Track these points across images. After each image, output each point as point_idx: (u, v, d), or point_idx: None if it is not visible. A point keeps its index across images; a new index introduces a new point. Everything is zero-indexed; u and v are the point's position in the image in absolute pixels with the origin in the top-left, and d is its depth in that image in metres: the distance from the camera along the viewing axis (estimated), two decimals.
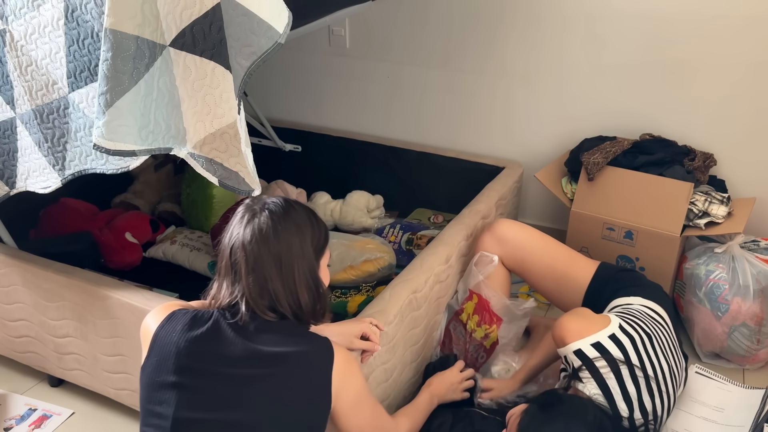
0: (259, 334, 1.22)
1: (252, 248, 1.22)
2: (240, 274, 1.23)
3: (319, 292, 1.29)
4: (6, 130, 1.53)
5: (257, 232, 1.22)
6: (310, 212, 1.31)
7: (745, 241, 2.02)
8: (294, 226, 1.25)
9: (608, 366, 1.50)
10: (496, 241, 1.89)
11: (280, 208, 1.26)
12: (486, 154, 2.53)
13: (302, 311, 1.26)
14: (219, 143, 1.24)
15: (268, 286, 1.23)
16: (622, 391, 1.49)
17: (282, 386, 1.20)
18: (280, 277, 1.23)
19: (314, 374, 1.24)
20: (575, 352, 1.52)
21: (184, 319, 1.23)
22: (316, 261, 1.30)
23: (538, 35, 2.31)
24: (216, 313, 1.24)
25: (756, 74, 2.06)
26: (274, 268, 1.23)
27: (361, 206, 2.54)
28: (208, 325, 1.22)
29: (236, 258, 1.23)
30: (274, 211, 1.25)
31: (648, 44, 2.16)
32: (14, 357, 1.99)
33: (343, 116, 2.81)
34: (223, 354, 1.20)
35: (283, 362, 1.21)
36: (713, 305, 1.95)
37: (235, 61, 1.19)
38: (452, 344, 1.89)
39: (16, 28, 1.38)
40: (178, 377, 1.18)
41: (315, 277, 1.29)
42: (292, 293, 1.24)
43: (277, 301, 1.24)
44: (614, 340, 1.52)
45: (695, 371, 1.93)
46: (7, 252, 1.82)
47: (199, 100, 1.22)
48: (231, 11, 1.16)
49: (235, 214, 1.28)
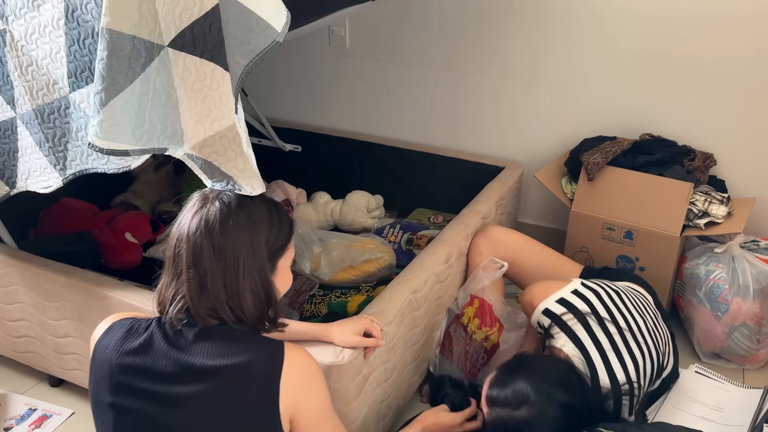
0: (197, 345, 1.10)
1: (195, 240, 1.12)
2: (181, 269, 1.13)
3: (268, 297, 1.17)
4: (6, 130, 1.53)
5: (203, 223, 1.12)
6: (273, 208, 1.21)
7: (745, 241, 2.02)
8: (247, 221, 1.14)
9: (575, 318, 1.54)
10: (489, 242, 1.95)
11: (236, 199, 1.16)
12: (486, 154, 2.53)
13: (245, 317, 1.15)
14: (218, 146, 1.24)
15: (207, 284, 1.11)
16: (594, 344, 1.50)
17: (217, 406, 1.08)
18: (221, 276, 1.12)
19: (257, 390, 1.09)
20: (543, 312, 1.58)
21: (120, 332, 1.14)
22: (270, 262, 1.18)
23: (538, 36, 2.31)
24: (153, 322, 1.15)
25: (756, 74, 2.06)
26: (216, 265, 1.11)
27: (361, 206, 2.54)
28: (143, 338, 1.12)
29: (179, 250, 1.13)
30: (226, 202, 1.15)
31: (648, 44, 2.16)
32: (14, 357, 1.99)
33: (343, 116, 2.81)
34: (154, 370, 1.09)
35: (220, 378, 1.08)
36: (713, 305, 1.95)
37: (232, 60, 1.19)
38: (452, 346, 1.89)
39: (17, 28, 1.38)
40: (114, 397, 1.10)
41: (264, 279, 1.16)
42: (233, 296, 1.13)
43: (218, 303, 1.12)
44: (578, 294, 1.59)
45: (695, 371, 1.93)
46: (7, 252, 1.83)
47: (198, 102, 1.21)
48: (229, 9, 1.15)
49: (188, 201, 1.19)
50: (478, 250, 1.98)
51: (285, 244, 1.20)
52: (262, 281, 1.15)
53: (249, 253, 1.13)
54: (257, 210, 1.16)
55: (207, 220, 1.12)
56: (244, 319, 1.15)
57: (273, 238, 1.17)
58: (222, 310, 1.13)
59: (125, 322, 1.16)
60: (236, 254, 1.12)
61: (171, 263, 1.15)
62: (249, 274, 1.13)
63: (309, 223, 2.48)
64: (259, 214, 1.16)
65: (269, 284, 1.17)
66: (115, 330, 1.15)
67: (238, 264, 1.12)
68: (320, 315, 2.01)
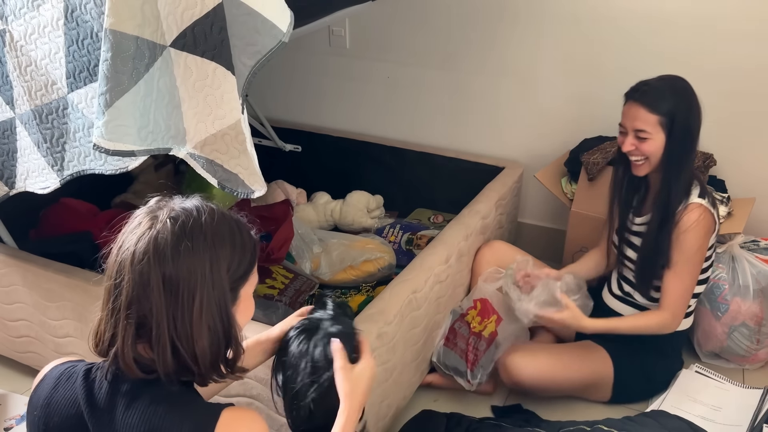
0: (127, 414, 0.94)
1: (141, 269, 0.92)
2: (120, 305, 0.93)
3: (227, 336, 0.98)
4: (5, 131, 1.53)
5: (152, 248, 0.92)
6: (236, 227, 1.01)
7: (745, 241, 2.02)
8: (204, 244, 0.94)
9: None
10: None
11: (191, 215, 0.96)
12: (486, 154, 2.53)
13: (198, 365, 0.95)
14: (220, 144, 1.24)
15: (150, 325, 0.92)
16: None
17: None
18: (171, 313, 0.92)
19: None
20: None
21: (48, 387, 0.99)
22: (232, 293, 0.99)
23: (538, 35, 2.31)
24: (80, 377, 0.99)
25: (754, 73, 2.06)
26: (165, 301, 0.92)
27: (361, 206, 2.54)
28: (68, 396, 0.97)
29: (120, 280, 0.93)
30: (179, 222, 0.94)
31: (647, 44, 2.16)
32: (14, 357, 1.99)
33: (343, 116, 2.81)
34: None
35: None
36: (713, 305, 1.95)
37: (239, 61, 1.19)
38: (456, 339, 1.90)
39: (16, 28, 1.38)
40: None
41: (225, 314, 0.97)
42: (185, 338, 0.93)
43: (160, 349, 0.92)
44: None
45: (695, 371, 1.93)
46: (7, 252, 1.82)
47: (200, 101, 1.21)
48: (234, 10, 1.15)
49: (129, 220, 0.98)
50: (486, 259, 2.05)
51: (249, 270, 1.02)
52: (222, 316, 0.96)
53: (207, 283, 0.94)
54: (217, 230, 0.97)
55: (156, 244, 0.92)
56: (193, 368, 0.95)
57: (236, 263, 0.98)
58: (162, 360, 0.93)
59: (54, 372, 1.02)
60: (192, 286, 0.93)
61: (109, 296, 0.96)
62: (207, 309, 0.94)
63: (309, 223, 2.48)
64: (219, 234, 0.96)
65: (230, 319, 0.98)
66: (46, 382, 1.01)
67: (193, 297, 0.93)
68: None
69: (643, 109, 1.65)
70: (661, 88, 1.65)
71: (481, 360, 1.86)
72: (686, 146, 1.66)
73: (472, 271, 2.08)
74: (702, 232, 1.67)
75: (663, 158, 1.67)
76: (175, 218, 0.95)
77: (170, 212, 0.96)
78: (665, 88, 1.65)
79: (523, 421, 1.75)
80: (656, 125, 1.64)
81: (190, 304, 0.93)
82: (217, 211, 0.99)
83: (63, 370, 1.02)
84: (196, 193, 1.04)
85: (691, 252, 1.68)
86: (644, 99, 1.65)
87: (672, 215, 1.68)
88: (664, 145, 1.66)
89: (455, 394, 1.92)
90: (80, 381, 0.98)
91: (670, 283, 1.72)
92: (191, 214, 0.96)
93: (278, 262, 2.11)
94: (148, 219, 0.96)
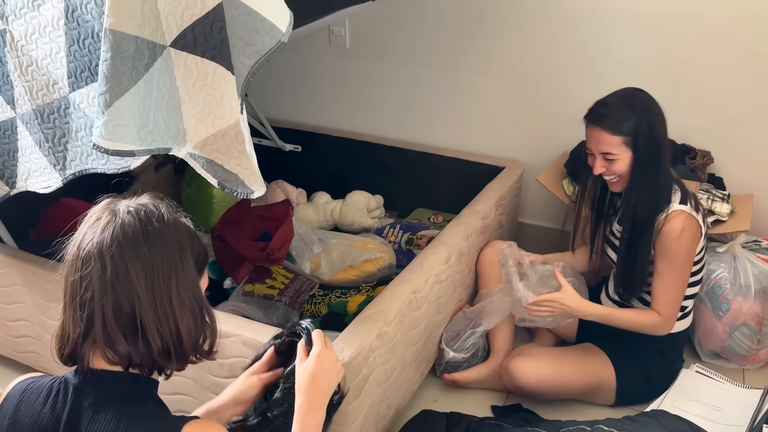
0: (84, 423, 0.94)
1: (112, 255, 0.92)
2: (91, 296, 0.93)
3: (204, 318, 1.01)
4: (6, 130, 1.53)
5: (120, 234, 0.93)
6: (184, 217, 1.05)
7: (747, 241, 2.02)
8: (168, 229, 0.97)
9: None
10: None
11: (148, 207, 0.99)
12: (486, 154, 2.53)
13: (182, 347, 0.97)
14: (220, 144, 1.24)
15: (126, 310, 0.92)
16: None
17: None
18: (152, 296, 0.93)
19: None
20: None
21: (11, 407, 0.99)
22: (199, 278, 1.03)
23: (538, 35, 2.31)
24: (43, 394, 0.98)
25: (753, 73, 2.06)
26: (144, 284, 0.92)
27: (361, 206, 2.54)
28: (31, 414, 0.96)
29: (88, 270, 0.93)
30: (140, 211, 0.97)
31: (647, 44, 2.16)
32: (14, 357, 1.98)
33: (344, 116, 2.81)
34: None
35: None
36: (714, 305, 1.95)
37: (238, 61, 1.19)
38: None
39: (17, 28, 1.38)
40: None
41: (198, 295, 1.00)
42: (167, 320, 0.94)
43: (143, 331, 0.93)
44: None
45: (696, 371, 1.93)
46: (7, 252, 1.82)
47: (200, 101, 1.21)
48: (233, 10, 1.16)
49: (84, 219, 1.00)
50: (489, 260, 2.06)
51: (206, 260, 1.06)
52: (196, 297, 0.99)
53: (179, 265, 0.96)
54: (176, 219, 1.01)
55: (124, 230, 0.93)
56: (177, 350, 0.97)
57: (196, 249, 1.02)
58: (144, 347, 0.94)
59: (15, 392, 1.00)
60: (166, 268, 0.94)
61: (73, 291, 0.96)
62: (183, 289, 0.96)
63: (309, 223, 2.48)
64: (178, 223, 1.00)
65: (204, 303, 1.01)
66: (9, 402, 1.00)
67: (170, 279, 0.94)
68: (320, 315, 2.00)
69: (604, 132, 1.64)
70: (619, 108, 1.64)
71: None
72: (654, 157, 1.65)
73: (477, 273, 2.09)
74: (688, 240, 1.65)
75: (632, 172, 1.67)
76: (136, 210, 0.97)
77: (127, 207, 0.98)
78: (624, 107, 1.64)
79: (523, 421, 1.75)
80: (621, 145, 1.64)
81: (168, 285, 0.94)
82: (170, 205, 1.02)
83: (25, 387, 1.01)
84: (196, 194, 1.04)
85: (679, 262, 1.67)
86: (604, 122, 1.64)
87: (650, 224, 1.67)
88: (632, 162, 1.65)
89: (455, 394, 1.92)
90: (42, 398, 0.98)
91: (658, 290, 1.71)
92: (149, 207, 0.99)
93: (278, 262, 2.10)
94: (107, 213, 0.98)
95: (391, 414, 1.74)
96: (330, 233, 2.39)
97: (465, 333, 1.92)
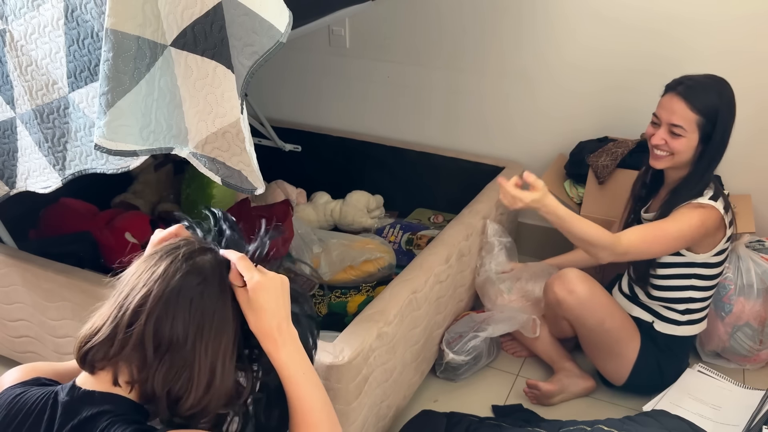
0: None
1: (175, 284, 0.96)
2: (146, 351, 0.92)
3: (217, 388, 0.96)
4: (6, 130, 1.53)
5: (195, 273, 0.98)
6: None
7: (750, 241, 2.02)
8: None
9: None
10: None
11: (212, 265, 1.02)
12: (486, 154, 2.53)
13: (209, 392, 0.95)
14: (221, 142, 1.24)
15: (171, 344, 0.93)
16: None
17: None
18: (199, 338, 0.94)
19: None
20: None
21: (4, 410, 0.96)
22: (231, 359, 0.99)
23: (538, 35, 2.31)
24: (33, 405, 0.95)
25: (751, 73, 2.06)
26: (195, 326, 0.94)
27: (361, 206, 2.54)
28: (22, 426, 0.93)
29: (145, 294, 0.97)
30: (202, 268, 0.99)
31: (647, 45, 2.16)
32: (14, 357, 1.98)
33: (343, 116, 2.81)
34: None
35: None
36: (717, 305, 1.95)
37: (237, 61, 1.19)
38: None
39: (16, 28, 1.38)
40: None
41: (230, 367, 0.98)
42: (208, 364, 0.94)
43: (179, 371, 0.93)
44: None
45: (698, 370, 1.93)
46: (7, 252, 1.82)
47: (200, 100, 1.21)
48: (232, 11, 1.16)
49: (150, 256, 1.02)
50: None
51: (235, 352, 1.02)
52: (225, 364, 0.96)
53: (230, 333, 0.98)
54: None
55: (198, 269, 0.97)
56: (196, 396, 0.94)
57: (233, 342, 1.00)
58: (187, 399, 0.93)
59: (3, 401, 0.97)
60: (220, 326, 0.96)
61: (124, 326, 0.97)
62: (226, 353, 0.96)
63: (309, 223, 2.48)
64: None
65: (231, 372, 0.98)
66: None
67: (220, 336, 0.96)
68: (320, 315, 2.01)
69: (684, 104, 1.58)
70: (707, 87, 1.59)
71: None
72: (719, 152, 1.62)
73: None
74: (700, 219, 1.60)
75: (692, 160, 1.62)
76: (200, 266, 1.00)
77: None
78: (712, 88, 1.59)
79: (523, 421, 1.75)
80: (693, 124, 1.58)
81: (218, 339, 0.95)
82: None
83: (13, 396, 0.98)
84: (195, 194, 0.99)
85: (676, 226, 1.61)
86: (687, 94, 1.58)
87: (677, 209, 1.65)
88: (695, 146, 1.60)
89: (455, 394, 1.92)
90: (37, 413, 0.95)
91: (636, 228, 1.67)
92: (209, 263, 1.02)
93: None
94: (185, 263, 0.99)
95: (391, 414, 1.74)
96: (330, 233, 2.39)
97: (467, 336, 1.92)
